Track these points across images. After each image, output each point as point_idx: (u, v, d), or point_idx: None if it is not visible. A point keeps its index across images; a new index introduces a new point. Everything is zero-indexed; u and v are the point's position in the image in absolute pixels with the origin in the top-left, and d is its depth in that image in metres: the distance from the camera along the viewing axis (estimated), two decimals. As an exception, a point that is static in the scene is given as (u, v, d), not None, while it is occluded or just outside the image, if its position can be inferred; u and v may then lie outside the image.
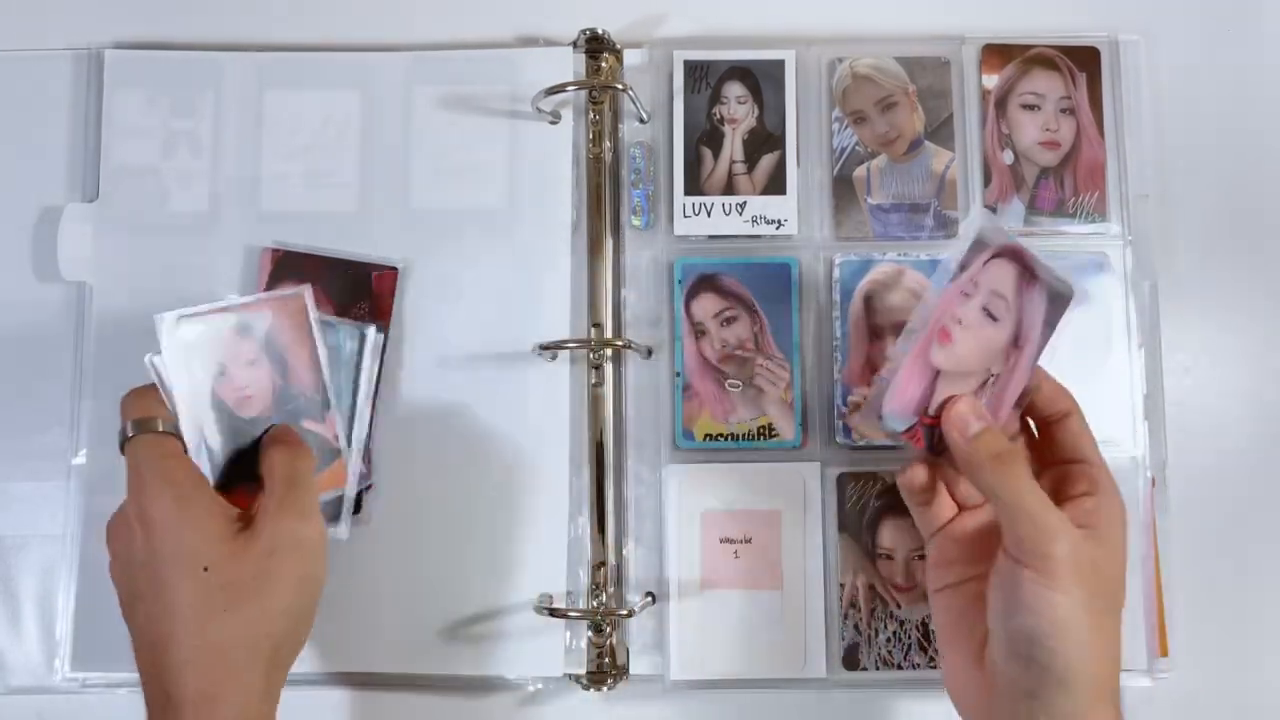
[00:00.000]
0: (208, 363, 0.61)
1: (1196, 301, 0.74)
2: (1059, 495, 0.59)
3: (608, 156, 0.74)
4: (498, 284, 0.73)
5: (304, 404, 0.64)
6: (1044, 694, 0.55)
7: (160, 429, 0.59)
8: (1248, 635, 0.73)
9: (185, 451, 0.60)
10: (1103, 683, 0.55)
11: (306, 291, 0.64)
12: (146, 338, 0.71)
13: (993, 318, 0.61)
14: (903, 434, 0.61)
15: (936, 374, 0.60)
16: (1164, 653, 0.70)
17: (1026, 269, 0.60)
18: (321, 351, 0.64)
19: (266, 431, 0.63)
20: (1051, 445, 0.62)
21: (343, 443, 0.65)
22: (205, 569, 0.56)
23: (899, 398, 0.60)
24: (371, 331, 0.68)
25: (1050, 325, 0.61)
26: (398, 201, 0.73)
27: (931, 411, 0.60)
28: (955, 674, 0.61)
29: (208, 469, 0.61)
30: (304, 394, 0.64)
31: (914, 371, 0.60)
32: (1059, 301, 0.61)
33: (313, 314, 0.64)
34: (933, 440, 0.61)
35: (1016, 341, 0.61)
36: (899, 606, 0.70)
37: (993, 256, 0.60)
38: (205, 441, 0.61)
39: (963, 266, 0.60)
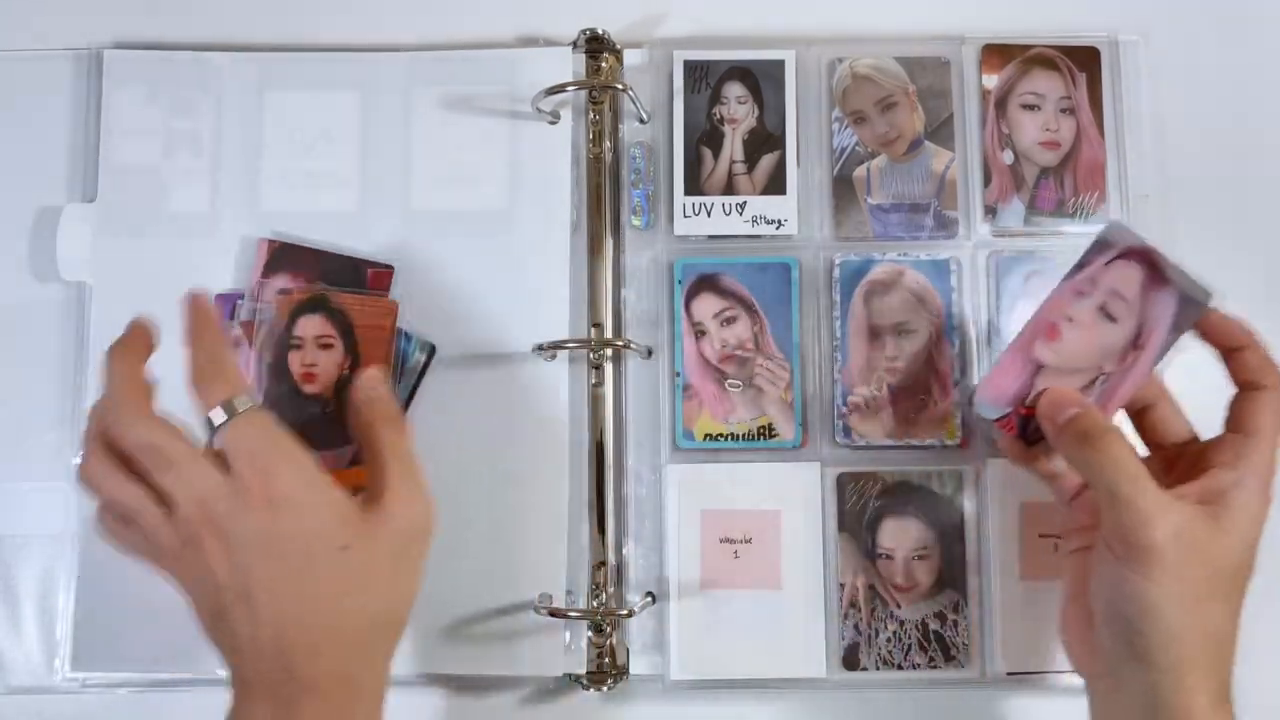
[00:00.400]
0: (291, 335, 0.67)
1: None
2: (1200, 464, 0.59)
3: (608, 156, 0.74)
4: (498, 284, 0.72)
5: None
6: (1129, 669, 0.57)
7: (253, 405, 0.56)
8: (1248, 635, 0.73)
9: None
10: (1197, 667, 0.56)
11: (400, 302, 0.70)
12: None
13: (1111, 318, 0.62)
14: (996, 421, 0.63)
15: (1038, 368, 0.63)
16: None
17: (1156, 271, 0.61)
18: (394, 356, 0.69)
19: (348, 403, 0.62)
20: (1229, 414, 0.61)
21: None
22: (344, 548, 0.55)
23: (995, 387, 0.63)
24: (435, 350, 0.72)
25: (1179, 329, 0.61)
26: (397, 201, 0.73)
27: (1028, 402, 0.62)
28: (1069, 627, 0.63)
29: None
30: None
31: (1014, 364, 0.63)
32: (1192, 305, 0.61)
33: (398, 323, 0.69)
34: (1026, 429, 0.63)
35: (1137, 342, 0.62)
36: (899, 606, 0.70)
37: (1117, 257, 0.62)
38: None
39: (1081, 266, 0.62)
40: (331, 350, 0.68)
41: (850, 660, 0.70)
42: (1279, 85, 0.77)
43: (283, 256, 0.72)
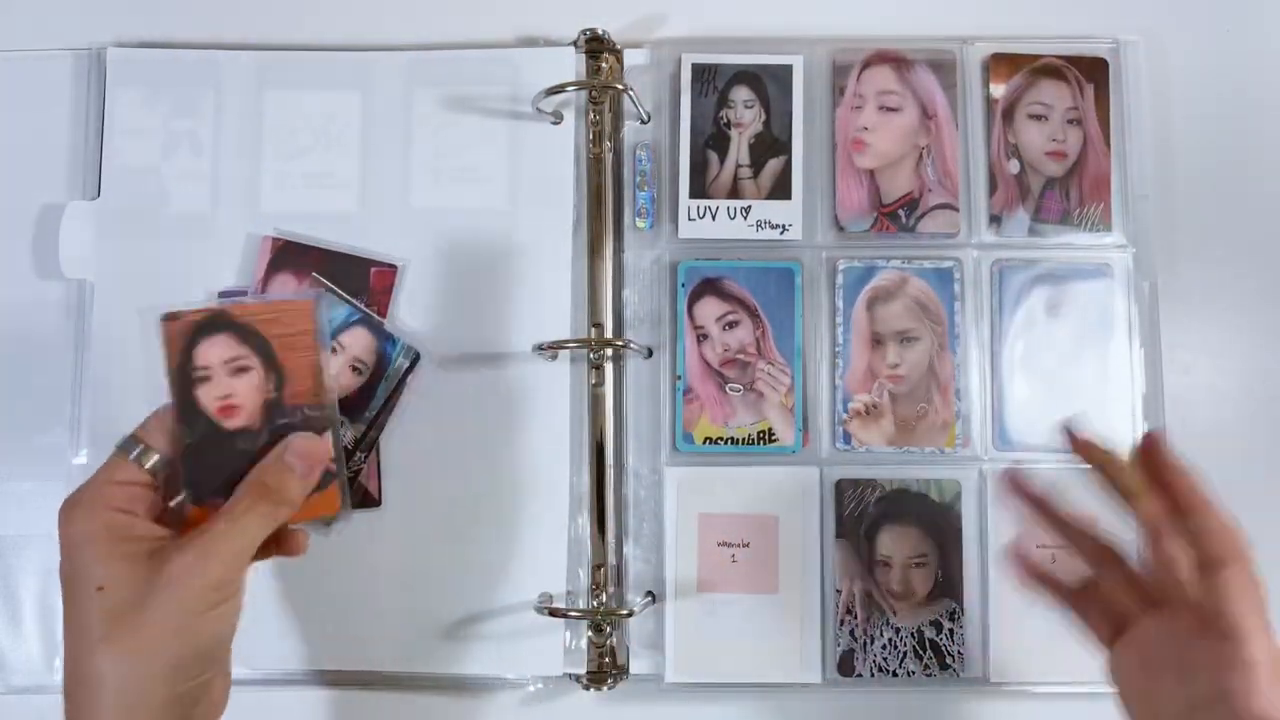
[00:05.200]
0: (192, 365, 0.58)
1: (1196, 301, 0.75)
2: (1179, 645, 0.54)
3: (608, 157, 0.74)
4: (498, 284, 0.72)
5: (300, 421, 0.59)
6: None
7: (132, 455, 0.55)
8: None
9: (154, 485, 0.55)
10: None
11: (320, 298, 0.60)
12: (148, 337, 0.71)
13: (893, 109, 0.73)
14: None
15: (871, 173, 0.73)
16: None
17: (900, 60, 0.73)
18: (327, 364, 0.60)
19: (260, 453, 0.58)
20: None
21: (340, 466, 0.60)
22: (99, 588, 0.52)
23: (849, 204, 0.73)
24: (419, 356, 0.72)
25: (949, 87, 0.74)
26: (398, 201, 0.74)
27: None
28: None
29: (183, 479, 0.57)
30: (302, 410, 0.59)
31: (849, 183, 0.73)
32: (943, 66, 0.73)
33: (323, 322, 0.59)
34: None
35: (928, 113, 0.73)
36: (894, 614, 0.71)
37: (864, 67, 0.73)
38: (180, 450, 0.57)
39: (841, 90, 0.74)
40: (249, 373, 0.58)
41: (845, 666, 0.71)
42: (1278, 86, 0.77)
43: (286, 254, 0.73)
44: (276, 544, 0.58)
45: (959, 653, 0.70)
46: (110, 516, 0.53)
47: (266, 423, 0.58)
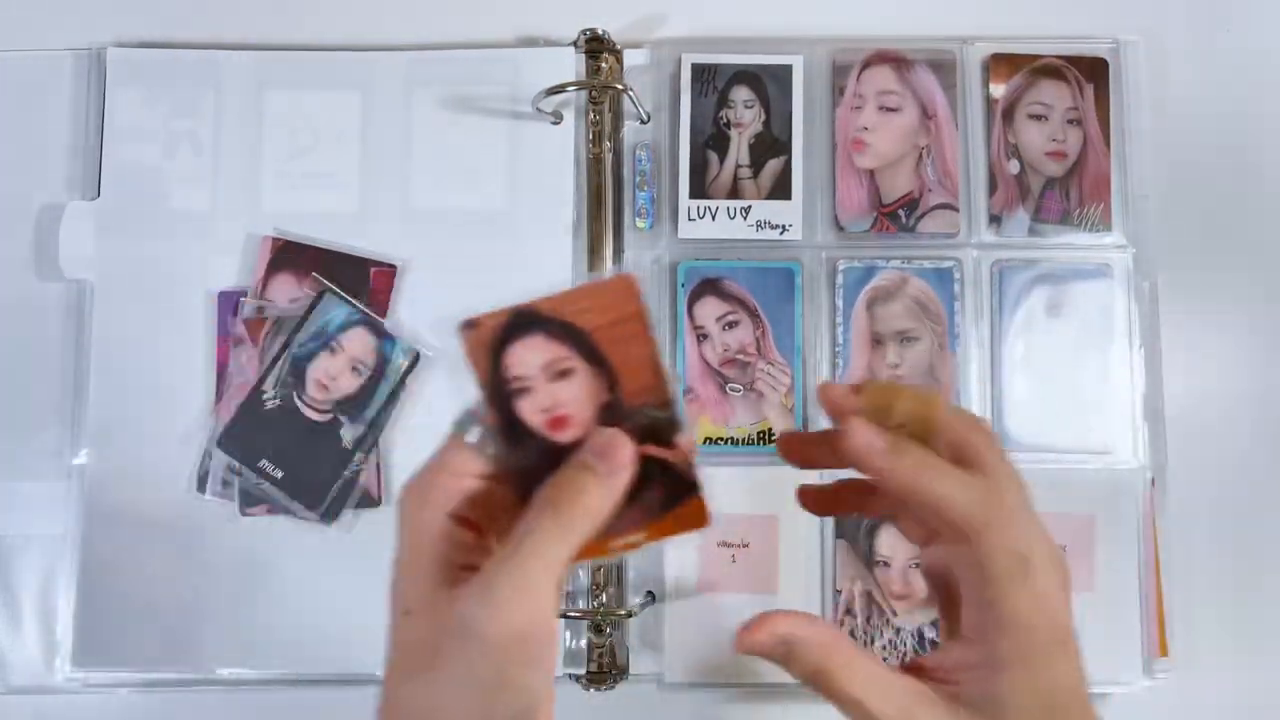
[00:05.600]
0: (520, 364, 0.48)
1: (1196, 302, 0.75)
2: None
3: (608, 157, 0.75)
4: (498, 284, 0.72)
5: (646, 424, 0.47)
6: None
7: (473, 438, 0.46)
8: (1248, 636, 0.74)
9: (489, 476, 0.46)
10: None
11: (637, 275, 0.49)
12: (148, 337, 0.71)
13: (893, 109, 0.73)
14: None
15: (871, 173, 0.73)
16: (1164, 653, 0.71)
17: (900, 60, 0.73)
18: (663, 349, 0.52)
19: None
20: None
21: (699, 471, 0.48)
22: (407, 613, 0.44)
23: (849, 204, 0.73)
24: (419, 357, 0.72)
25: (949, 87, 0.74)
26: (398, 201, 0.74)
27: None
28: None
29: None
30: (644, 411, 0.48)
31: (848, 181, 0.73)
32: (943, 66, 0.73)
33: (646, 301, 0.48)
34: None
35: (928, 113, 0.73)
36: (895, 614, 0.71)
37: (864, 67, 0.73)
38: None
39: (841, 90, 0.74)
40: (573, 376, 0.47)
41: (847, 667, 0.69)
42: (1278, 86, 0.77)
43: (286, 254, 0.73)
44: None
45: (959, 653, 0.70)
46: (435, 518, 0.45)
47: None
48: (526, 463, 0.46)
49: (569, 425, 0.47)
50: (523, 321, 0.47)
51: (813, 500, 0.55)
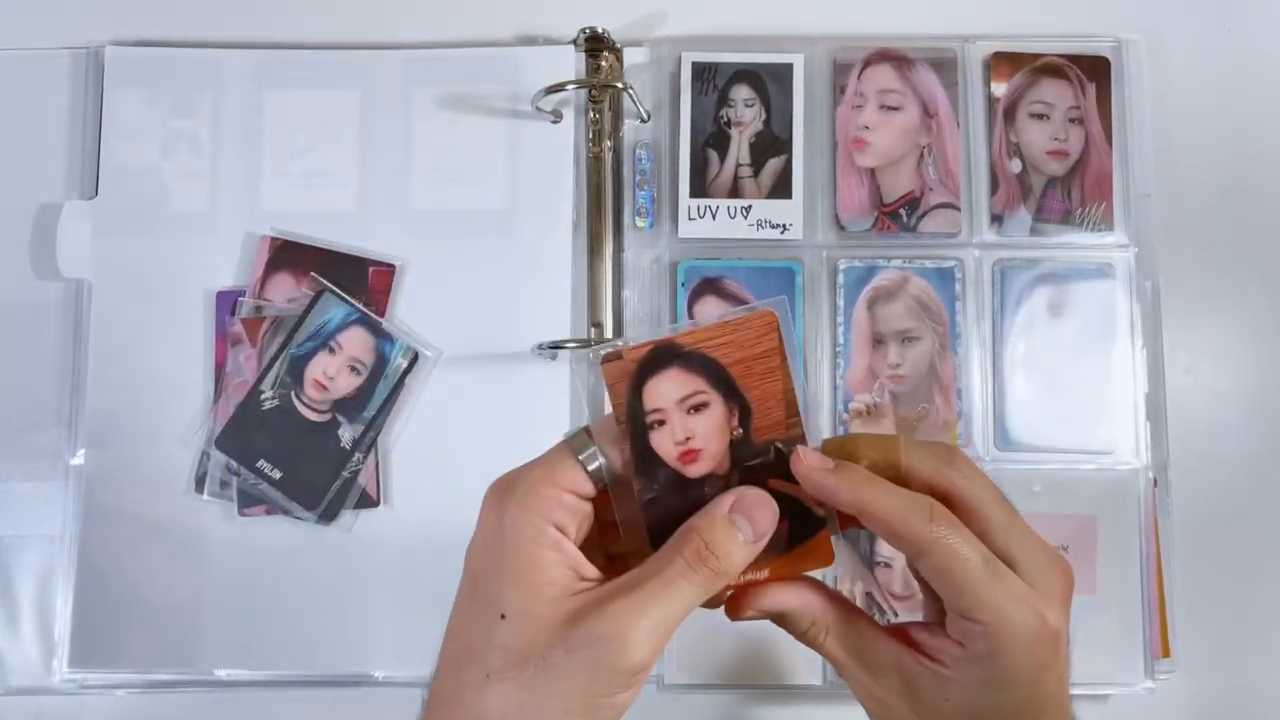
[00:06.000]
0: (659, 396, 0.48)
1: (1198, 302, 0.75)
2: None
3: (608, 156, 0.74)
4: (498, 284, 0.73)
5: (774, 459, 0.48)
6: None
7: (582, 455, 0.46)
8: (1249, 636, 0.74)
9: (592, 499, 0.47)
10: None
11: (780, 306, 0.48)
12: (146, 336, 0.71)
13: (894, 108, 0.73)
14: None
15: (871, 172, 0.73)
16: (1165, 654, 0.71)
17: (901, 58, 0.73)
18: (799, 386, 0.49)
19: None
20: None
21: (831, 515, 0.49)
22: (502, 616, 0.45)
23: (850, 203, 0.73)
24: (418, 356, 0.72)
25: (950, 86, 0.74)
26: (398, 201, 0.74)
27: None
28: None
29: (646, 536, 0.48)
30: (774, 446, 0.48)
31: (849, 181, 0.73)
32: (944, 65, 0.73)
33: (790, 335, 0.48)
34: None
35: (929, 111, 0.73)
36: (896, 615, 0.70)
37: (865, 66, 0.73)
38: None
39: (842, 89, 0.74)
40: (707, 410, 0.48)
41: (847, 668, 0.69)
42: (1278, 86, 0.77)
43: (285, 254, 0.73)
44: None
45: (960, 654, 0.70)
46: (542, 527, 0.45)
47: (735, 465, 0.48)
48: (656, 494, 0.47)
49: (700, 458, 0.48)
50: (663, 355, 0.48)
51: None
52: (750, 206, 0.73)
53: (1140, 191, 0.73)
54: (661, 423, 0.47)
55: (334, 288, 0.71)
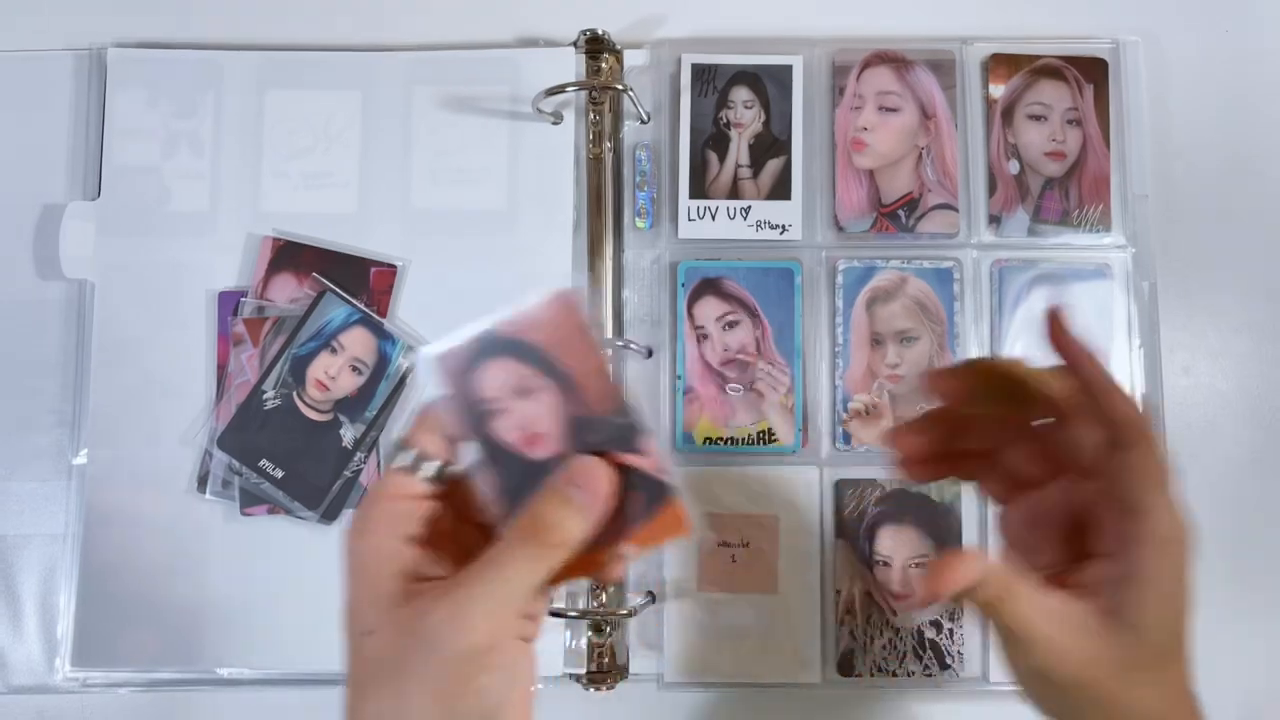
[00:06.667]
0: (490, 385, 0.50)
1: (1195, 302, 0.75)
2: (1075, 543, 0.51)
3: (608, 157, 0.75)
4: (498, 284, 0.73)
5: (613, 432, 0.49)
6: None
7: (410, 464, 0.49)
8: (1249, 636, 0.73)
9: (437, 495, 0.49)
10: None
11: (578, 293, 0.53)
12: (149, 337, 0.71)
13: (892, 109, 0.74)
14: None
15: (870, 173, 0.73)
16: None
17: (899, 60, 0.73)
18: (611, 362, 0.53)
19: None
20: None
21: (672, 476, 0.50)
22: (369, 633, 0.47)
23: (849, 204, 0.73)
24: (420, 356, 0.69)
25: (948, 88, 0.74)
26: (398, 201, 0.74)
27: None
28: None
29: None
30: (610, 421, 0.50)
31: (848, 182, 0.73)
32: (942, 66, 0.73)
33: (587, 315, 0.51)
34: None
35: (927, 113, 0.73)
36: (894, 614, 0.71)
37: (864, 67, 0.74)
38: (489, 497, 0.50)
39: (840, 90, 0.74)
40: (539, 394, 0.50)
41: (845, 666, 0.71)
42: (1278, 85, 0.77)
43: (286, 254, 0.74)
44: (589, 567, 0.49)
45: (959, 653, 0.70)
46: (381, 544, 0.48)
47: (577, 441, 0.49)
48: (510, 481, 0.49)
49: (543, 440, 0.49)
50: (487, 346, 0.50)
51: (914, 457, 0.54)
52: (750, 207, 0.73)
53: (1138, 192, 0.74)
54: (500, 411, 0.49)
55: (335, 288, 0.72)
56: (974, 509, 0.71)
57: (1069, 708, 0.50)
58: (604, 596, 0.71)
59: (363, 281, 0.73)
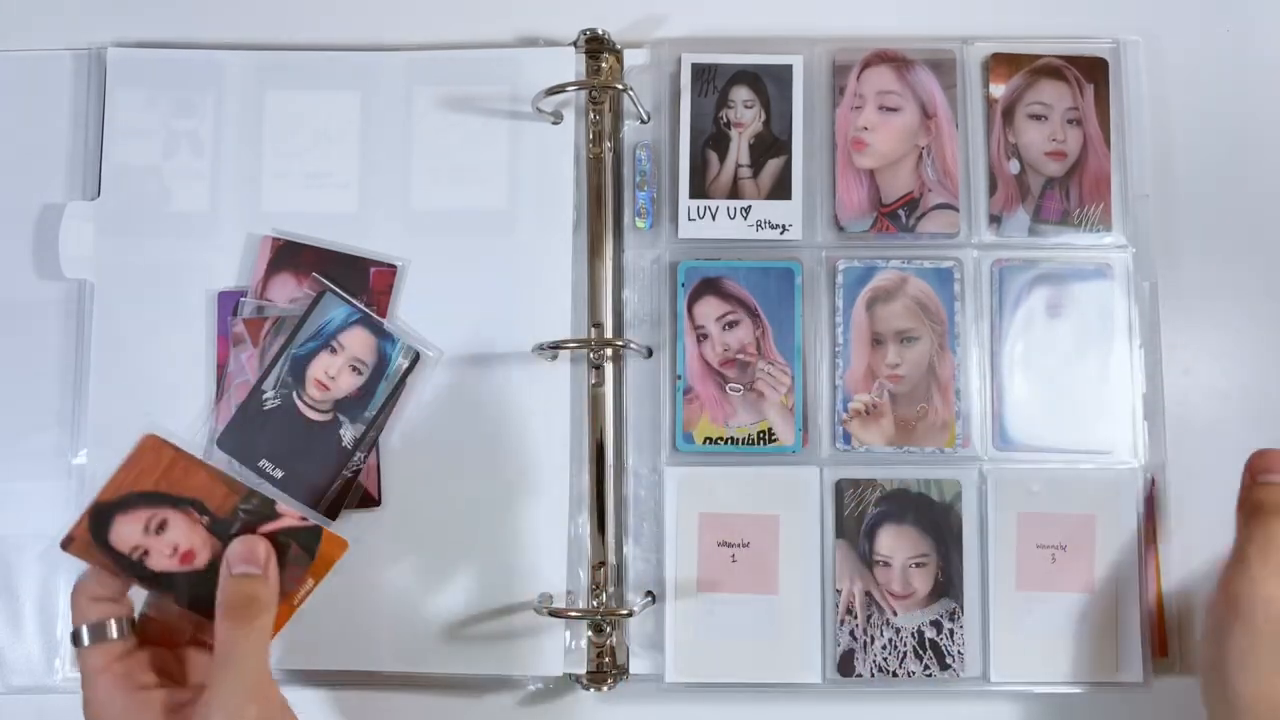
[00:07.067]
0: (128, 540, 0.61)
1: (1196, 302, 0.75)
2: None
3: (608, 157, 0.75)
4: (498, 284, 0.73)
5: (245, 520, 0.62)
6: None
7: (110, 635, 0.59)
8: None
9: (137, 643, 0.60)
10: None
11: (156, 431, 0.62)
12: (148, 337, 0.71)
13: (893, 109, 0.73)
14: None
15: (871, 173, 0.73)
16: (1163, 654, 0.72)
17: (900, 60, 0.73)
18: (213, 465, 0.62)
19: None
20: None
21: (312, 517, 0.64)
22: None
23: (850, 205, 0.73)
24: (419, 356, 0.72)
25: (949, 87, 0.73)
26: (398, 201, 0.74)
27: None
28: None
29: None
30: (239, 512, 0.62)
31: (849, 182, 0.73)
32: (943, 66, 0.73)
33: (174, 445, 0.62)
34: None
35: (928, 113, 0.73)
36: (895, 614, 0.71)
37: (864, 67, 0.73)
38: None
39: (841, 90, 0.74)
40: (170, 523, 0.61)
41: (845, 666, 0.71)
42: (1278, 85, 0.77)
43: (286, 255, 0.73)
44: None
45: (959, 653, 0.70)
46: (127, 708, 0.57)
47: (223, 542, 0.61)
48: (185, 593, 0.60)
49: (194, 556, 0.60)
50: (103, 512, 0.60)
51: None
52: (750, 207, 0.73)
53: (1138, 192, 0.74)
54: (146, 552, 0.60)
55: (335, 288, 0.72)
56: (974, 509, 0.71)
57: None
58: (604, 596, 0.71)
59: (362, 281, 0.73)
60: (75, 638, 0.59)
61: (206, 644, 0.61)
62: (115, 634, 0.59)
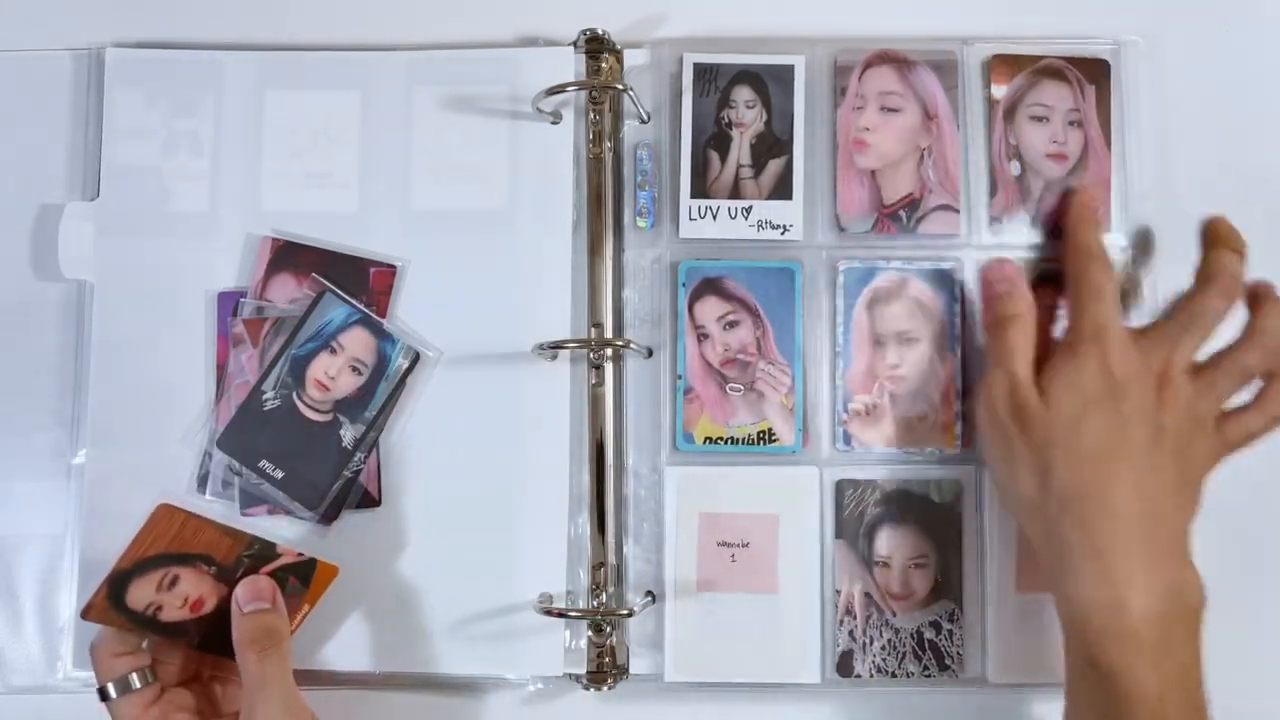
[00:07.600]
0: (143, 600, 0.64)
1: (1197, 302, 0.74)
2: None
3: (608, 157, 0.75)
4: (498, 284, 0.73)
5: (250, 563, 0.66)
6: None
7: (134, 686, 0.64)
8: (1248, 636, 0.73)
9: (165, 688, 0.66)
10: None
11: (168, 499, 0.67)
12: (148, 337, 0.71)
13: (894, 110, 0.73)
14: None
15: (873, 173, 0.73)
16: None
17: (901, 60, 0.73)
18: (211, 518, 0.67)
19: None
20: None
21: (306, 551, 0.68)
22: None
23: (852, 205, 0.73)
24: (419, 357, 0.72)
25: (950, 88, 0.74)
26: (398, 201, 0.74)
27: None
28: None
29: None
30: (241, 559, 0.66)
31: (850, 183, 0.73)
32: (944, 67, 0.73)
33: (184, 510, 0.66)
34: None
35: (929, 113, 0.73)
36: (894, 615, 0.71)
37: (866, 67, 0.73)
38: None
39: (842, 90, 0.74)
40: (181, 578, 0.65)
41: (844, 667, 0.71)
42: (1278, 86, 0.78)
43: (286, 255, 0.73)
44: None
45: (959, 653, 0.71)
46: None
47: (229, 586, 0.65)
48: (195, 637, 0.65)
49: (204, 604, 0.65)
50: (120, 580, 0.64)
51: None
52: (751, 207, 0.73)
53: (1138, 192, 0.74)
54: (159, 607, 0.64)
55: (335, 288, 0.72)
56: (974, 509, 0.71)
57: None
58: (604, 596, 0.71)
59: (362, 282, 0.73)
60: (103, 694, 0.64)
61: (224, 678, 0.68)
62: (139, 684, 0.64)
